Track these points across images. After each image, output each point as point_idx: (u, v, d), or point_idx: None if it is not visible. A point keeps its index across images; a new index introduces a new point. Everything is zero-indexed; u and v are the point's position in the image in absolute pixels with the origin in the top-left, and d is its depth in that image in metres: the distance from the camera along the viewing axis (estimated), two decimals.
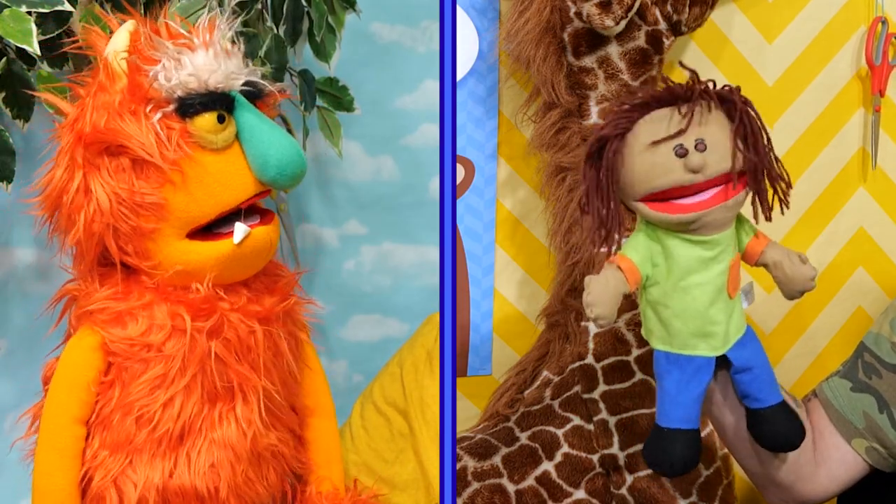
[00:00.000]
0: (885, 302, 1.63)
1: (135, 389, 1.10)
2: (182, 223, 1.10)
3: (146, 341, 1.10)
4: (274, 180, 1.09)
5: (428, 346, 1.40)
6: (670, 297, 1.06)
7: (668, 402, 1.09)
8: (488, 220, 1.53)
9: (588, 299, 1.03)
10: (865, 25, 1.58)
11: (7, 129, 1.23)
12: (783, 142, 1.59)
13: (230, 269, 1.12)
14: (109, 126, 1.07)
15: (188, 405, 1.11)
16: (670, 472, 1.10)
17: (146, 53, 1.08)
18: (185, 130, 1.08)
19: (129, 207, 1.08)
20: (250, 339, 1.12)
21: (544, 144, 1.43)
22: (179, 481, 1.11)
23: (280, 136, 1.10)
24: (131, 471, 1.11)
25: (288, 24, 1.36)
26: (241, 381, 1.12)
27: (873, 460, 1.25)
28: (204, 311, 1.11)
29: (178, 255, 1.10)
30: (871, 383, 1.25)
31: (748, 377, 1.10)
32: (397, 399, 1.41)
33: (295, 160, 1.09)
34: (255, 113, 1.11)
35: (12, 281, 1.38)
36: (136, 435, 1.11)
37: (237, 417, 1.12)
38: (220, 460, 1.12)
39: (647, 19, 1.36)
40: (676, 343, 1.08)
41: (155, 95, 1.08)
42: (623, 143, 1.03)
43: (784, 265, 1.07)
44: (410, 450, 1.39)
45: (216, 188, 1.09)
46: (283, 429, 1.19)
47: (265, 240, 1.13)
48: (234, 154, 1.10)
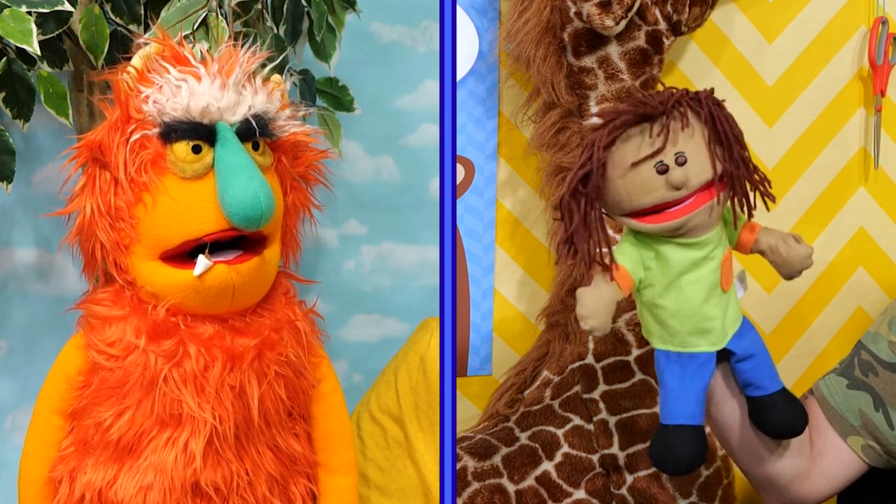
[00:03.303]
0: (885, 302, 1.63)
1: (99, 393, 1.14)
2: (151, 244, 1.11)
3: (112, 352, 1.12)
4: (230, 217, 1.08)
5: (421, 351, 1.39)
6: (665, 298, 1.07)
7: (672, 399, 1.09)
8: (488, 220, 1.53)
9: (581, 312, 1.04)
10: (866, 25, 1.58)
11: (7, 129, 1.23)
12: (783, 142, 1.59)
13: (193, 300, 1.12)
14: (101, 140, 1.11)
15: (138, 421, 1.12)
16: (676, 470, 1.10)
17: (147, 76, 1.10)
18: (161, 155, 1.09)
19: (107, 221, 1.11)
20: (207, 373, 1.11)
21: (544, 144, 1.43)
22: (115, 493, 1.13)
23: (246, 174, 1.08)
24: (83, 469, 1.15)
25: (288, 24, 1.36)
26: (190, 412, 1.12)
27: (869, 458, 1.25)
28: (161, 335, 1.12)
29: (147, 275, 1.12)
30: (867, 381, 1.25)
31: (749, 365, 1.11)
32: (392, 407, 1.41)
33: (251, 203, 1.07)
34: (234, 150, 1.09)
35: (12, 281, 1.38)
36: (92, 436, 1.14)
37: (179, 447, 1.12)
38: (152, 484, 1.12)
39: (647, 19, 1.36)
40: (676, 342, 1.08)
41: (142, 117, 1.09)
42: (603, 172, 1.04)
43: (780, 248, 1.09)
44: (406, 457, 1.39)
45: (182, 216, 1.09)
46: (249, 471, 1.16)
47: (226, 279, 1.10)
48: (207, 186, 1.09)
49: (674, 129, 1.02)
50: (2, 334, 1.39)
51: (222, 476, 1.14)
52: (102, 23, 1.22)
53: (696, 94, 1.05)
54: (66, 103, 1.22)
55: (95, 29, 1.22)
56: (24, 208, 1.37)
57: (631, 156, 1.03)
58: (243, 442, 1.16)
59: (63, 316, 1.21)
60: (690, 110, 1.04)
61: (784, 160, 1.60)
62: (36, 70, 1.22)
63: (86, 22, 1.22)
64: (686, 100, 1.04)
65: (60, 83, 1.23)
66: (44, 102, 1.22)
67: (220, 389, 1.12)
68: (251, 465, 1.16)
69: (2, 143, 1.22)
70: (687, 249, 1.05)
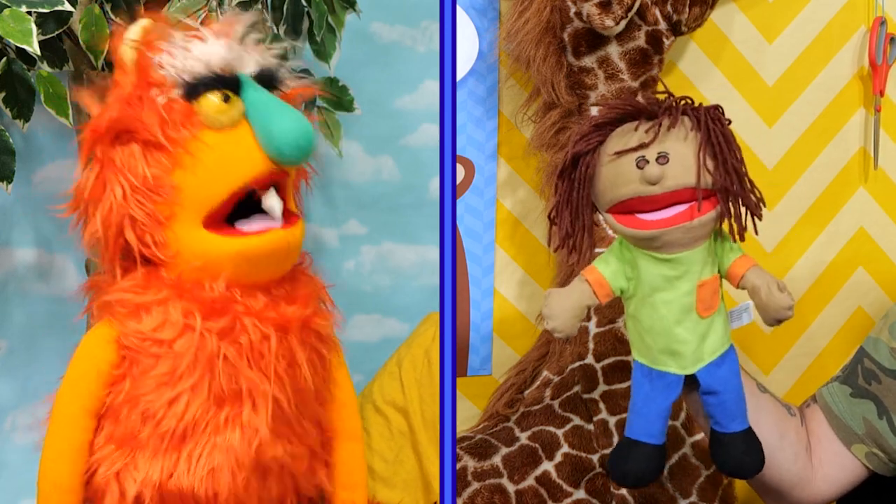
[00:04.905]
0: (885, 302, 1.63)
1: (143, 384, 1.09)
2: (196, 207, 1.09)
3: (158, 337, 1.09)
4: (279, 150, 1.07)
5: (426, 344, 1.40)
6: (640, 312, 1.07)
7: (634, 413, 1.09)
8: (488, 220, 1.53)
9: (545, 311, 1.05)
10: (866, 25, 1.58)
11: (7, 129, 1.23)
12: (783, 142, 1.59)
13: (246, 269, 1.10)
14: (120, 115, 1.08)
15: (194, 405, 1.09)
16: (622, 482, 1.11)
17: (155, 44, 1.09)
18: (191, 111, 1.08)
19: (142, 194, 1.08)
20: (263, 345, 1.10)
21: (544, 144, 1.43)
22: (178, 482, 1.09)
23: (285, 108, 1.09)
24: (133, 467, 1.10)
25: (288, 24, 1.36)
26: (251, 387, 1.10)
27: (874, 465, 1.25)
28: (216, 312, 1.09)
29: (195, 246, 1.09)
30: (870, 389, 1.25)
31: (714, 400, 1.09)
32: (396, 398, 1.41)
33: (300, 130, 1.08)
34: (262, 91, 1.10)
35: (12, 281, 1.39)
36: (140, 430, 1.10)
37: (243, 424, 1.10)
38: (220, 466, 1.09)
39: (647, 19, 1.36)
40: (649, 357, 1.08)
41: (161, 81, 1.08)
42: (595, 156, 1.05)
43: (761, 292, 1.04)
44: (409, 448, 1.39)
45: (225, 167, 1.08)
46: (296, 443, 1.16)
47: (282, 242, 1.10)
48: (242, 132, 1.09)
49: (664, 130, 1.03)
50: (2, 334, 1.39)
51: (281, 450, 1.13)
52: (102, 23, 1.22)
53: (698, 105, 1.05)
54: (66, 103, 1.22)
55: (95, 29, 1.22)
56: (24, 208, 1.37)
57: (619, 146, 1.03)
58: (296, 414, 1.14)
59: (63, 316, 1.21)
60: (688, 117, 1.04)
61: (784, 160, 1.60)
62: (36, 70, 1.22)
63: (86, 22, 1.21)
64: (682, 107, 1.04)
65: (60, 83, 1.23)
66: (44, 102, 1.22)
67: (276, 361, 1.11)
68: (298, 439, 1.15)
69: (2, 143, 1.22)
70: (660, 265, 1.04)
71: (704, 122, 1.03)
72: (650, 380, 1.08)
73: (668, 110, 1.04)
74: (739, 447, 1.10)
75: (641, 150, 1.02)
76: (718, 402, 1.09)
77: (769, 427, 1.20)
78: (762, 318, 1.06)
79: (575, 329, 1.05)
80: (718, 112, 1.05)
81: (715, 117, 1.04)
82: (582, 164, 1.05)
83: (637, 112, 1.05)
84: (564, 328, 1.05)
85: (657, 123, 1.03)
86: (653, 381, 1.08)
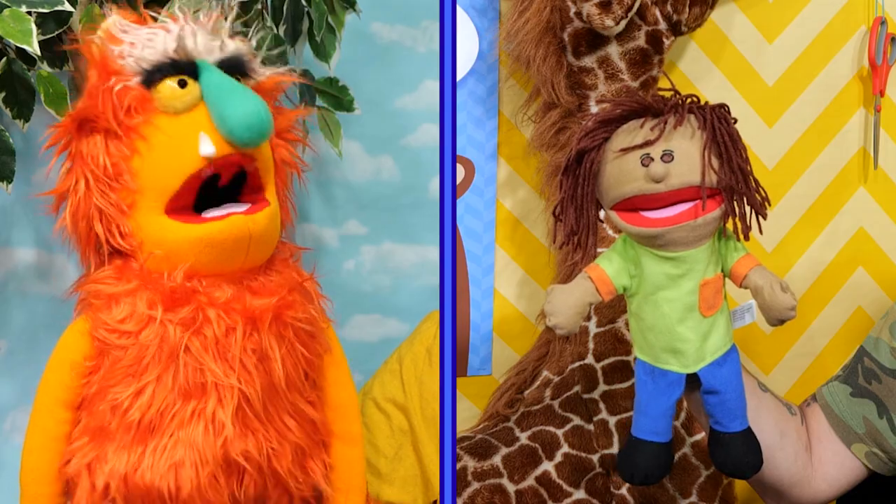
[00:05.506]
0: (885, 302, 1.63)
1: (112, 376, 1.09)
2: (155, 194, 1.08)
3: (124, 328, 1.09)
4: (231, 131, 1.06)
5: (427, 342, 1.40)
6: (643, 310, 1.07)
7: (639, 412, 1.10)
8: (488, 220, 1.53)
9: (547, 308, 1.05)
10: (866, 25, 1.58)
11: (7, 129, 1.23)
12: (783, 142, 1.59)
13: (208, 256, 1.09)
14: (83, 105, 1.10)
15: (159, 397, 1.08)
16: (630, 481, 1.10)
17: (116, 36, 1.09)
18: (147, 98, 1.08)
19: (104, 184, 1.09)
20: (229, 337, 1.09)
21: (544, 144, 1.43)
22: (142, 476, 1.08)
23: (240, 91, 1.08)
24: (103, 459, 1.10)
25: (288, 24, 1.36)
26: (216, 380, 1.08)
27: (873, 465, 1.25)
28: (178, 302, 1.08)
29: (157, 233, 1.09)
30: (870, 388, 1.25)
31: (714, 400, 1.09)
32: (397, 395, 1.41)
33: (253, 112, 1.06)
34: (220, 75, 1.09)
35: (12, 281, 1.39)
36: (109, 422, 1.09)
37: (207, 418, 1.08)
38: (181, 460, 1.08)
39: (647, 19, 1.36)
40: (651, 355, 1.08)
41: (120, 70, 1.08)
42: (600, 153, 1.04)
43: (764, 292, 1.04)
44: (410, 445, 1.39)
45: (178, 151, 1.08)
46: (274, 440, 1.13)
47: (243, 227, 1.09)
48: (198, 115, 1.08)
49: (670, 128, 1.03)
50: (2, 334, 1.39)
51: (253, 446, 1.10)
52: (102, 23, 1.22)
53: (704, 104, 1.05)
54: (66, 103, 1.22)
55: (95, 29, 1.22)
56: (24, 208, 1.37)
57: (623, 143, 1.03)
58: (269, 409, 1.12)
59: (63, 316, 1.20)
60: (694, 116, 1.04)
61: (784, 160, 1.60)
62: (36, 70, 1.22)
63: (86, 22, 1.21)
64: (687, 105, 1.04)
65: (60, 83, 1.23)
66: (44, 102, 1.22)
67: (244, 354, 1.09)
68: (277, 435, 1.13)
69: (2, 143, 1.22)
70: (664, 263, 1.04)
71: (710, 120, 1.03)
72: (653, 378, 1.08)
73: (674, 108, 1.04)
74: (739, 447, 1.10)
75: (647, 147, 1.02)
76: (719, 401, 1.09)
77: (770, 426, 1.20)
78: (765, 318, 1.06)
79: (577, 326, 1.05)
80: (724, 111, 1.04)
81: (721, 116, 1.03)
82: (587, 161, 1.04)
83: (643, 109, 1.04)
84: (567, 325, 1.04)
85: (663, 121, 1.03)
86: (656, 380, 1.08)
